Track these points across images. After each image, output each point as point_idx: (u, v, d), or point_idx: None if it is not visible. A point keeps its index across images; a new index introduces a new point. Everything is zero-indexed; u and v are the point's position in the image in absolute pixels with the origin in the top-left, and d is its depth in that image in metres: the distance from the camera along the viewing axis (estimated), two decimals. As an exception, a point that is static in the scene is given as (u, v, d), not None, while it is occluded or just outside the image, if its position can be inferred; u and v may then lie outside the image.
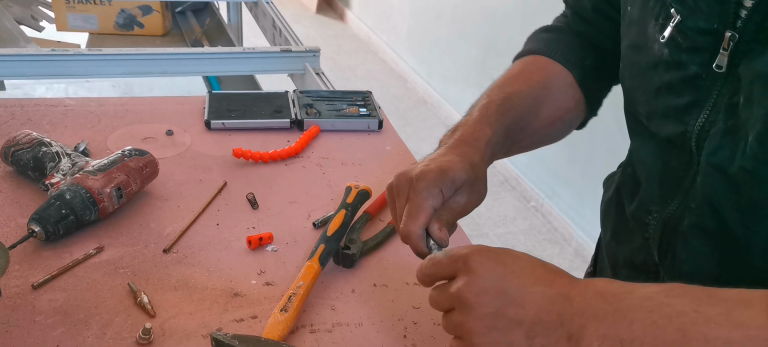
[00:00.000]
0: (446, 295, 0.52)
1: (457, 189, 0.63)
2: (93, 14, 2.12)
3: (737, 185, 0.54)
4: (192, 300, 0.69)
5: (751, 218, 0.54)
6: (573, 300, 0.48)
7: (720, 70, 0.55)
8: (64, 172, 0.82)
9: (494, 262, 0.50)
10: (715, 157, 0.56)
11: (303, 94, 1.15)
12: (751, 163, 0.52)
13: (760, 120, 0.51)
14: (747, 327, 0.42)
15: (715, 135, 0.56)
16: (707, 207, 0.57)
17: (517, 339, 0.48)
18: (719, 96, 0.56)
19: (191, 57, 1.43)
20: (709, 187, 0.57)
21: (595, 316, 0.46)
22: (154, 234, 0.79)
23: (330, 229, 0.76)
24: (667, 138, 0.62)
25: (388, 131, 1.09)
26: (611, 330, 0.46)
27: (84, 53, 1.35)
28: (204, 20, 2.28)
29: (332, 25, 5.07)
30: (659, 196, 0.64)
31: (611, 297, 0.47)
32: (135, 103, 1.11)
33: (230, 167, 0.94)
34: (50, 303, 0.67)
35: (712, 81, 0.56)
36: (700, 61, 0.56)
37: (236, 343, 0.61)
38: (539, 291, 0.49)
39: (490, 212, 2.78)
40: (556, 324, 0.48)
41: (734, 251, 0.57)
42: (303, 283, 0.69)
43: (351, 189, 0.83)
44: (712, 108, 0.56)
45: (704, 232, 0.59)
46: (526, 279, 0.49)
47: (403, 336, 0.67)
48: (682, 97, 0.59)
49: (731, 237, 0.56)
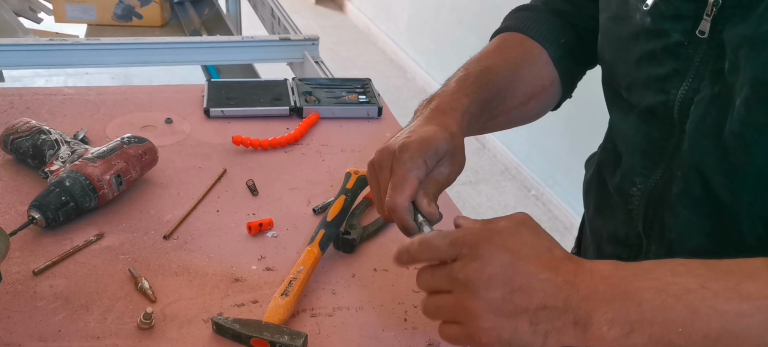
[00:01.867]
0: (446, 278, 0.51)
1: (440, 159, 0.62)
2: (91, 5, 2.11)
3: (726, 150, 0.54)
4: (193, 285, 0.69)
5: (737, 182, 0.55)
6: (579, 287, 0.48)
7: (702, 36, 0.56)
8: (63, 160, 0.82)
9: (502, 248, 0.50)
10: (703, 123, 0.56)
11: (302, 81, 1.15)
12: (739, 127, 0.52)
13: (747, 84, 0.51)
14: (755, 298, 0.43)
15: (702, 102, 0.56)
16: (695, 174, 0.58)
17: (521, 325, 0.48)
18: (703, 63, 0.56)
19: (190, 46, 1.43)
20: (697, 154, 0.57)
21: (603, 301, 0.47)
22: (154, 221, 0.79)
23: (330, 214, 0.76)
24: (647, 108, 0.62)
25: (388, 118, 1.09)
26: (620, 313, 0.46)
27: (82, 43, 1.35)
28: (203, 10, 2.28)
29: (332, 16, 5.05)
30: (642, 167, 0.64)
31: (617, 280, 0.47)
32: (134, 91, 1.11)
33: (230, 154, 0.94)
34: (51, 289, 0.67)
35: (695, 48, 0.57)
36: (683, 28, 0.57)
37: (237, 327, 0.61)
38: (546, 278, 0.48)
39: (490, 201, 2.78)
40: (561, 310, 0.48)
41: (721, 216, 0.57)
42: (303, 268, 0.69)
43: (351, 174, 0.83)
44: (694, 75, 0.57)
45: (693, 199, 0.59)
46: (534, 266, 0.49)
47: (403, 319, 0.67)
48: (664, 66, 0.59)
49: (718, 202, 0.57)
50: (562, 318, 0.48)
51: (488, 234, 0.51)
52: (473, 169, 3.01)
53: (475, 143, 3.20)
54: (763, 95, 0.50)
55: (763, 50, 0.50)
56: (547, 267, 0.49)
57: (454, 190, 2.81)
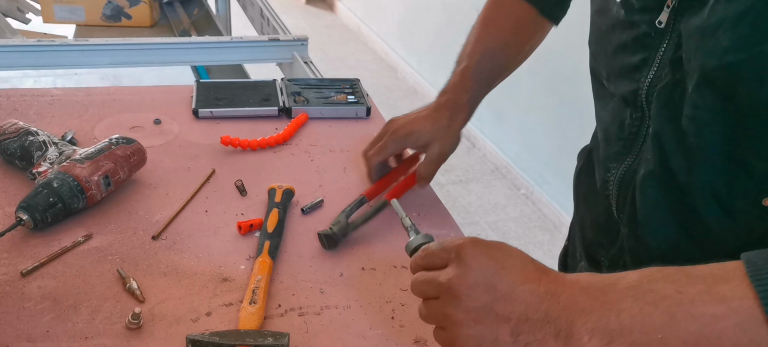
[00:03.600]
0: (434, 284, 0.52)
1: (423, 145, 0.85)
2: (80, 6, 2.11)
3: (683, 133, 0.58)
4: (181, 285, 0.69)
5: (693, 163, 0.58)
6: (560, 298, 0.49)
7: (660, 27, 0.60)
8: (51, 161, 0.82)
9: (487, 257, 0.51)
10: (665, 109, 0.60)
11: (291, 82, 1.15)
12: (693, 111, 0.56)
13: (697, 70, 0.55)
14: (729, 300, 0.44)
15: (664, 89, 0.60)
16: (659, 156, 0.61)
17: (502, 334, 0.49)
18: (665, 52, 0.60)
19: (179, 47, 1.43)
20: (660, 138, 0.61)
21: (582, 311, 0.47)
22: (142, 222, 0.79)
23: (269, 227, 0.77)
24: (622, 96, 0.66)
25: (377, 118, 1.09)
26: (600, 322, 0.46)
27: (71, 43, 1.35)
28: (192, 11, 2.27)
29: (322, 16, 5.05)
30: (616, 153, 0.68)
31: (596, 291, 0.48)
32: (122, 92, 1.11)
33: (218, 155, 0.94)
34: (39, 290, 0.67)
35: (659, 39, 0.61)
36: (650, 19, 0.61)
37: (217, 339, 0.59)
38: (528, 289, 0.49)
39: (481, 200, 2.79)
40: (543, 321, 0.48)
41: (682, 197, 0.60)
42: (261, 276, 0.69)
43: (275, 190, 0.83)
44: (659, 64, 0.61)
45: (657, 180, 0.62)
46: (517, 277, 0.50)
47: (390, 317, 0.68)
48: (635, 56, 0.63)
49: (677, 183, 0.60)
50: (543, 329, 0.48)
51: (474, 242, 0.52)
52: (463, 168, 3.02)
53: (465, 143, 3.21)
54: (711, 80, 0.54)
55: (710, 39, 0.53)
56: (529, 278, 0.50)
57: (445, 190, 2.82)
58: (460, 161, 3.07)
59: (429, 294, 0.53)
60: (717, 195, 0.58)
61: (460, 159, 3.09)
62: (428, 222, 0.84)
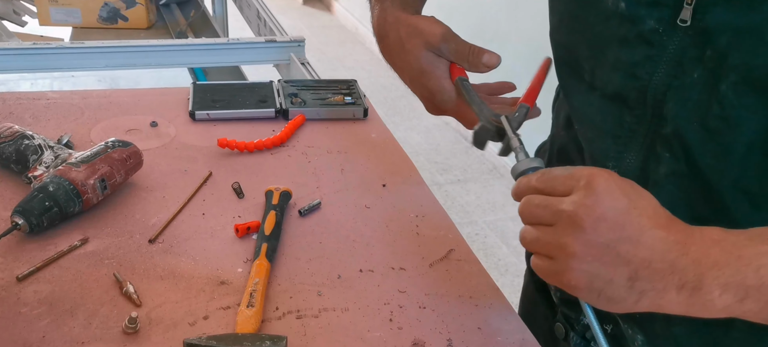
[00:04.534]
0: (552, 209, 0.48)
1: (441, 47, 0.71)
2: (76, 8, 2.10)
3: (711, 131, 0.55)
4: (178, 288, 0.69)
5: (723, 160, 0.55)
6: (689, 249, 0.46)
7: (684, 25, 0.55)
8: (47, 165, 0.81)
9: (620, 192, 0.47)
10: (684, 108, 0.56)
11: (288, 83, 1.15)
12: (727, 110, 0.53)
13: (734, 70, 0.52)
14: None
15: (681, 87, 0.56)
16: (682, 154, 0.58)
17: (619, 277, 0.46)
18: (681, 50, 0.56)
19: (175, 49, 1.43)
20: (682, 136, 0.57)
21: (715, 265, 0.45)
22: (139, 225, 0.79)
23: (266, 229, 0.76)
24: (616, 92, 0.62)
25: (374, 119, 1.09)
26: (734, 277, 0.44)
27: (67, 46, 1.34)
28: (189, 12, 2.27)
29: (319, 16, 5.05)
30: (615, 150, 0.64)
31: (730, 246, 0.46)
32: (118, 95, 1.11)
33: (215, 157, 0.94)
34: (35, 295, 0.66)
35: (669, 35, 0.57)
36: (659, 16, 0.57)
37: (214, 344, 0.60)
38: (657, 236, 0.46)
39: (479, 200, 2.79)
40: (666, 271, 0.46)
41: (707, 193, 0.58)
42: (259, 279, 0.69)
43: (272, 192, 0.83)
44: (669, 62, 0.57)
45: (680, 178, 0.59)
46: (647, 220, 0.47)
47: (389, 319, 0.67)
48: (636, 51, 0.59)
49: (704, 179, 0.57)
50: (665, 279, 0.45)
51: (609, 173, 0.49)
52: (462, 167, 3.02)
53: (463, 142, 3.21)
54: (755, 79, 0.51)
55: (751, 38, 0.50)
56: (660, 224, 0.47)
57: (443, 190, 2.82)
58: (458, 161, 3.07)
59: (543, 219, 0.49)
60: (747, 190, 0.55)
61: (458, 159, 3.09)
62: (426, 222, 0.84)
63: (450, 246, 0.79)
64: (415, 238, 0.81)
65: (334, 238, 0.79)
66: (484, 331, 0.67)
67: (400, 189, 0.90)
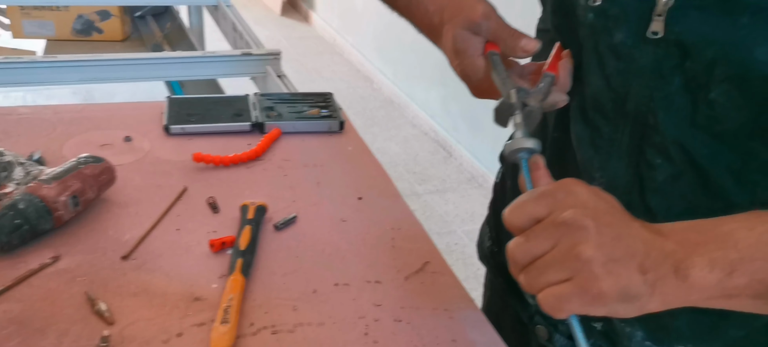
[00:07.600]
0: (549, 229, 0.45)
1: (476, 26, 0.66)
2: (49, 20, 2.08)
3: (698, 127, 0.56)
4: (152, 305, 0.68)
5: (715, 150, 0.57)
6: (669, 236, 0.46)
7: (656, 36, 0.55)
8: (17, 182, 0.80)
9: (596, 196, 0.46)
10: (668, 113, 0.57)
11: (263, 97, 1.15)
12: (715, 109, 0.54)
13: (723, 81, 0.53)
14: None
15: (663, 98, 0.57)
16: (679, 157, 0.58)
17: (633, 271, 0.44)
18: (656, 62, 0.56)
19: (150, 62, 1.42)
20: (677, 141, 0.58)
21: (697, 245, 0.45)
22: (111, 242, 0.78)
23: (241, 244, 0.76)
24: (593, 102, 0.62)
25: (350, 132, 1.10)
26: (718, 253, 0.45)
27: (39, 60, 1.33)
28: (164, 24, 2.26)
29: (297, 27, 5.05)
30: (598, 160, 0.64)
31: (702, 227, 0.46)
32: (92, 109, 1.10)
33: (190, 172, 0.94)
34: (5, 315, 0.65)
35: (640, 49, 0.57)
36: (627, 28, 0.57)
37: None
38: (640, 226, 0.46)
39: (457, 209, 2.80)
40: (662, 258, 0.45)
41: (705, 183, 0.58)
42: (233, 295, 0.69)
43: (247, 206, 0.83)
44: (647, 74, 0.57)
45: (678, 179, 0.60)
46: (625, 216, 0.47)
47: (364, 333, 0.68)
48: (608, 64, 0.59)
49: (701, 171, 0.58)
50: (663, 266, 0.45)
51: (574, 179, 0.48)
52: (440, 177, 3.03)
53: (442, 152, 3.23)
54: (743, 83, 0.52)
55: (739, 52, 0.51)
56: (633, 219, 0.47)
57: (422, 200, 2.83)
58: (436, 171, 3.08)
59: (544, 246, 0.45)
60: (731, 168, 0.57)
61: (436, 169, 3.10)
62: (402, 234, 0.84)
63: (425, 259, 0.80)
64: (390, 251, 0.81)
65: (310, 252, 0.79)
66: (459, 343, 0.68)
67: (376, 201, 0.91)
